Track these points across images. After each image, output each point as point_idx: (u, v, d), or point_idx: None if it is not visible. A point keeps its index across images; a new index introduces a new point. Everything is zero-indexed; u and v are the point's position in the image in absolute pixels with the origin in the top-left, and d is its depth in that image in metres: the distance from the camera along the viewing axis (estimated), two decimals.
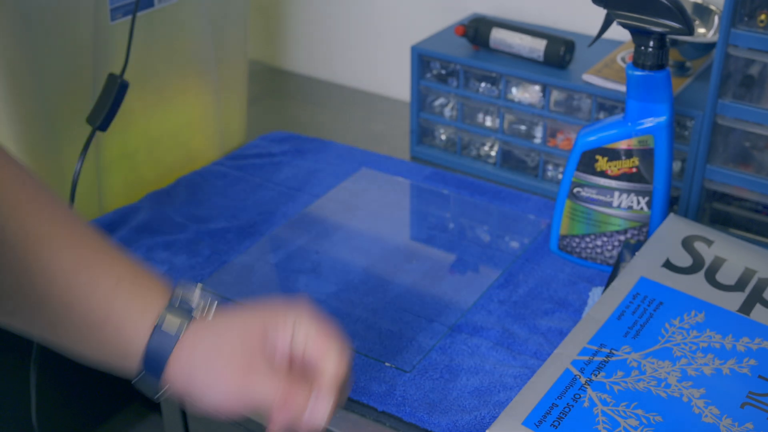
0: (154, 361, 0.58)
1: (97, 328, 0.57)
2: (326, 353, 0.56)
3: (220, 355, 0.56)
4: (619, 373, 0.63)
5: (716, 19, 0.94)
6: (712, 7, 0.95)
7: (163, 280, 0.59)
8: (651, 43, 0.75)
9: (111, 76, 0.84)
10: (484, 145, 1.05)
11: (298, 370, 0.57)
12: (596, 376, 0.62)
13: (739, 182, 0.83)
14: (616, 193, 0.81)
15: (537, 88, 0.97)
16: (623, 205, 0.81)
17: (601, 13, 0.76)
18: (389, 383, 0.71)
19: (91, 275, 0.56)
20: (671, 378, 0.62)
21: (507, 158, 1.03)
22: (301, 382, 0.55)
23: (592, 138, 0.80)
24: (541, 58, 0.96)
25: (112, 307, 0.57)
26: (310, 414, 0.55)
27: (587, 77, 0.93)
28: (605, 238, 0.83)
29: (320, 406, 0.55)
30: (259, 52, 1.39)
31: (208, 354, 0.57)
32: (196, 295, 0.59)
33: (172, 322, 0.57)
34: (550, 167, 1.00)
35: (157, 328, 0.57)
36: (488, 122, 1.03)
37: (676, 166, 0.90)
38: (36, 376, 0.92)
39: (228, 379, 0.56)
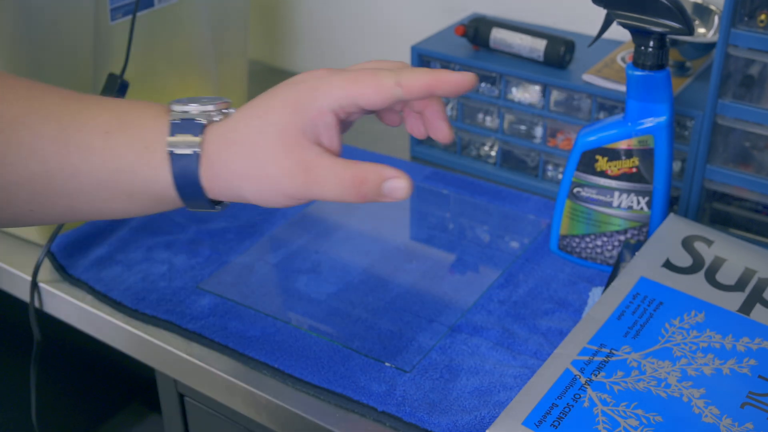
0: (189, 187, 0.54)
1: (115, 184, 0.54)
2: (379, 95, 0.54)
3: (259, 161, 0.53)
4: (619, 373, 0.63)
5: (716, 19, 0.94)
6: (712, 7, 0.95)
7: (153, 105, 0.56)
8: (651, 43, 0.75)
9: (111, 76, 0.84)
10: (484, 145, 1.05)
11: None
12: (596, 376, 0.62)
13: (739, 182, 0.83)
14: (616, 193, 0.81)
15: (537, 88, 0.97)
16: (623, 205, 0.81)
17: (601, 13, 0.76)
18: (389, 383, 0.71)
19: (81, 139, 0.54)
20: (671, 378, 0.62)
21: (507, 158, 1.03)
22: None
23: (592, 138, 0.80)
24: (541, 58, 0.96)
25: (115, 158, 0.54)
26: (391, 193, 0.53)
27: (587, 77, 0.93)
28: (605, 238, 0.83)
29: (399, 183, 0.53)
30: (259, 52, 1.39)
31: (242, 166, 0.54)
32: (196, 105, 0.56)
33: (183, 142, 0.54)
34: (550, 167, 1.00)
35: (173, 157, 0.54)
36: (488, 122, 1.03)
37: (676, 166, 0.90)
38: (36, 376, 0.92)
39: (282, 185, 0.53)
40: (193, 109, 0.56)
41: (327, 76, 0.56)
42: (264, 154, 0.54)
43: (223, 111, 0.57)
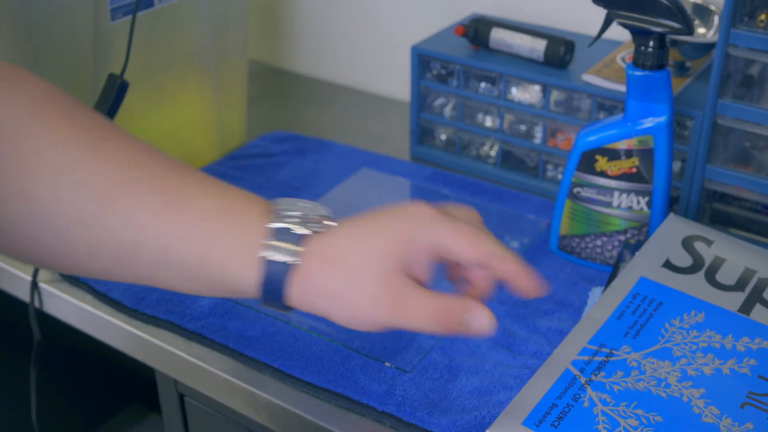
0: (274, 293, 0.54)
1: (201, 270, 0.54)
2: (479, 251, 0.55)
3: (354, 290, 0.53)
4: (619, 373, 0.63)
5: (716, 19, 0.94)
6: (712, 7, 0.95)
7: (258, 201, 0.56)
8: (651, 43, 0.75)
9: (111, 76, 0.84)
10: (484, 145, 1.05)
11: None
12: (596, 376, 0.62)
13: (739, 182, 0.83)
14: (616, 193, 0.81)
15: (537, 88, 0.97)
16: (623, 205, 0.81)
17: (601, 13, 0.76)
18: (389, 383, 0.71)
19: (181, 215, 0.53)
20: (671, 378, 0.62)
21: (507, 158, 1.03)
22: (453, 294, 0.54)
23: (592, 138, 0.80)
24: (541, 58, 0.96)
25: (209, 248, 0.53)
26: (473, 327, 0.54)
27: (587, 77, 0.93)
28: (605, 238, 0.83)
29: (480, 316, 0.54)
30: (259, 52, 1.39)
31: (336, 290, 0.54)
32: (298, 214, 0.55)
33: (280, 249, 0.54)
34: (550, 167, 1.00)
35: (267, 263, 0.53)
36: (488, 122, 1.03)
37: (676, 166, 0.90)
38: (36, 376, 0.92)
39: (372, 315, 0.53)
40: (296, 215, 0.55)
41: (434, 215, 0.57)
42: (361, 280, 0.54)
43: (325, 223, 0.57)
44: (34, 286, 0.85)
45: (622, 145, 0.79)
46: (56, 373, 1.23)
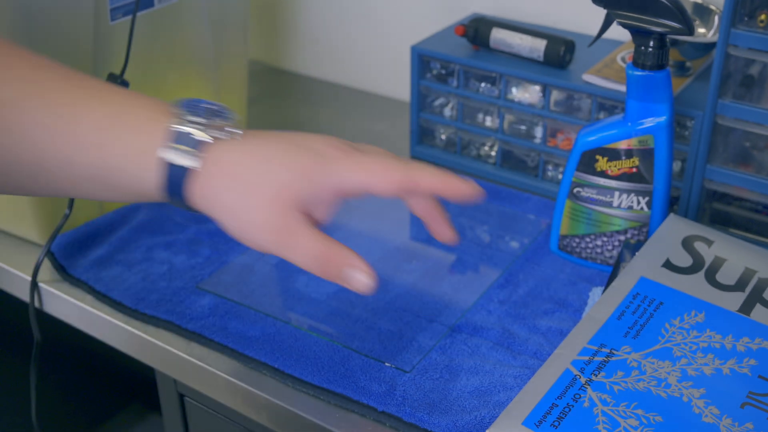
0: (175, 195, 0.55)
1: (105, 179, 0.55)
2: (389, 184, 0.56)
3: (247, 207, 0.54)
4: (619, 373, 0.63)
5: (716, 19, 0.94)
6: (712, 7, 0.95)
7: (154, 104, 0.56)
8: (651, 43, 0.75)
9: (111, 76, 0.84)
10: (484, 145, 1.05)
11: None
12: (596, 376, 0.62)
13: (739, 182, 0.83)
14: (616, 193, 0.81)
15: (537, 88, 0.97)
16: (623, 205, 0.81)
17: (601, 13, 0.76)
18: (389, 383, 0.71)
19: (74, 131, 0.54)
20: (671, 378, 0.62)
21: (507, 158, 1.03)
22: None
23: (592, 138, 0.80)
24: (541, 58, 0.96)
25: (105, 155, 0.54)
26: (351, 282, 0.54)
27: (587, 77, 0.93)
28: (605, 238, 0.83)
29: (360, 274, 0.55)
30: (259, 52, 1.39)
31: (230, 202, 0.54)
32: (199, 118, 0.55)
33: (180, 151, 0.54)
34: (550, 167, 1.00)
35: (168, 165, 0.54)
36: (488, 122, 1.03)
37: (676, 166, 0.90)
38: (36, 376, 0.92)
39: (260, 235, 0.54)
40: (198, 120, 0.55)
41: (341, 155, 0.57)
42: (256, 201, 0.55)
43: (228, 130, 0.56)
44: (34, 286, 0.85)
45: (622, 145, 0.79)
46: (56, 373, 1.23)
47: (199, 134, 0.55)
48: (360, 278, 0.56)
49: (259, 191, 0.54)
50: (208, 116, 0.56)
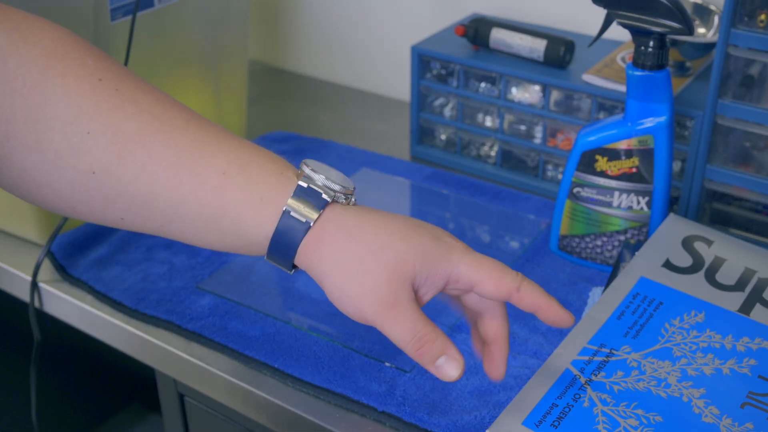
0: (283, 249, 0.54)
1: (214, 221, 0.54)
2: (498, 289, 0.55)
3: (358, 271, 0.54)
4: (619, 373, 0.63)
5: (716, 19, 0.94)
6: (712, 7, 0.95)
7: (278, 160, 0.56)
8: (651, 43, 0.75)
9: None
10: (484, 145, 1.05)
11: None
12: (596, 376, 0.62)
13: (739, 182, 0.83)
14: (616, 193, 0.81)
15: (537, 88, 0.97)
16: (623, 205, 0.81)
17: (601, 13, 0.76)
18: (389, 383, 0.71)
19: (196, 168, 0.54)
20: (671, 378, 0.62)
21: (507, 158, 1.03)
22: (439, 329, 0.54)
23: (592, 138, 0.80)
24: (541, 58, 0.96)
25: (225, 199, 0.54)
26: (441, 370, 0.54)
27: (587, 77, 0.93)
28: (605, 238, 0.83)
29: (452, 365, 0.54)
30: (259, 52, 1.39)
31: (345, 263, 0.54)
32: (327, 175, 0.55)
33: (301, 209, 0.54)
34: (550, 167, 1.00)
35: (283, 215, 0.54)
36: (488, 122, 1.03)
37: (676, 166, 0.90)
38: (36, 376, 0.92)
39: (364, 302, 0.54)
40: (321, 180, 0.56)
41: (462, 248, 0.57)
42: (371, 266, 0.54)
43: (348, 196, 0.57)
44: (34, 286, 0.85)
45: (622, 145, 0.79)
46: (56, 373, 1.23)
47: (323, 193, 0.55)
48: (449, 370, 0.55)
49: (376, 257, 0.54)
50: (333, 180, 0.56)
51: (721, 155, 0.85)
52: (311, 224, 0.54)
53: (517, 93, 0.99)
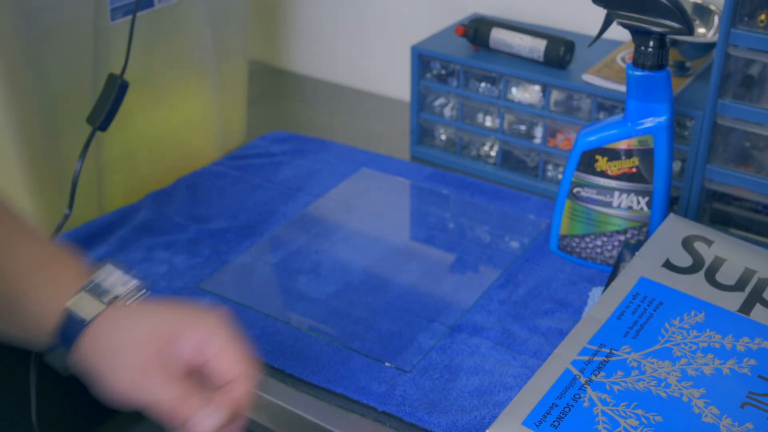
0: (65, 343, 0.58)
1: (8, 311, 0.58)
2: (236, 373, 0.57)
3: (126, 346, 0.57)
4: (619, 373, 0.63)
5: (716, 19, 0.94)
6: (712, 7, 0.95)
7: (80, 262, 0.60)
8: (651, 43, 0.75)
9: (111, 76, 0.84)
10: (484, 145, 1.05)
11: (199, 378, 0.57)
12: (596, 376, 0.62)
13: (739, 182, 0.83)
14: (616, 193, 0.81)
15: (537, 88, 0.97)
16: (623, 205, 0.81)
17: (601, 13, 0.76)
18: (389, 383, 0.71)
19: (4, 255, 0.57)
20: (671, 378, 0.62)
21: (507, 158, 1.03)
22: (198, 392, 0.55)
23: (592, 138, 0.80)
24: (541, 58, 0.96)
25: (22, 291, 0.57)
26: (198, 424, 0.55)
27: (587, 77, 0.93)
28: (605, 238, 0.83)
29: (210, 419, 0.55)
30: (259, 52, 1.39)
31: (116, 342, 0.57)
32: (115, 278, 0.59)
33: (84, 307, 0.58)
34: (550, 167, 1.00)
35: (68, 313, 0.57)
36: (488, 122, 1.03)
37: (676, 166, 0.90)
38: (36, 376, 0.92)
39: (127, 373, 0.56)
40: (105, 287, 0.59)
41: (216, 333, 0.59)
42: (129, 350, 0.57)
43: (129, 298, 0.60)
44: None
45: (622, 145, 0.79)
46: (56, 373, 1.23)
47: (100, 299, 0.59)
48: (202, 424, 0.55)
49: (133, 333, 0.57)
50: (117, 286, 0.60)
51: (721, 155, 0.85)
52: (86, 323, 0.57)
53: (517, 93, 0.99)
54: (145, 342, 0.57)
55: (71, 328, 0.57)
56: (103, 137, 0.89)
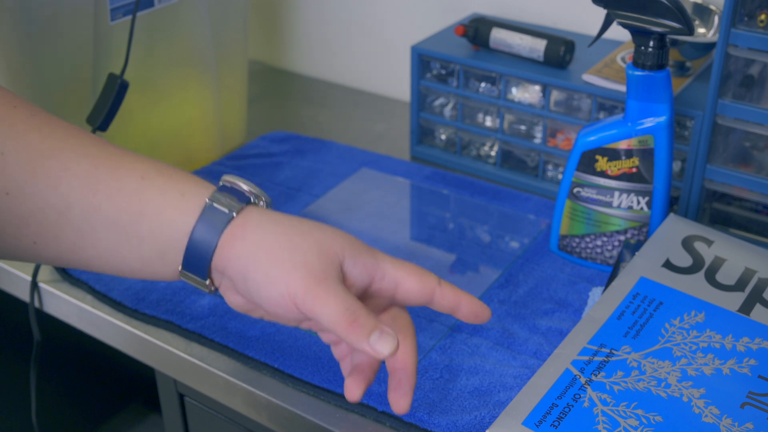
0: (202, 247, 0.53)
1: (132, 227, 0.53)
2: (428, 290, 0.55)
3: (294, 248, 0.52)
4: (619, 373, 0.63)
5: (716, 19, 0.94)
6: (712, 7, 0.95)
7: (196, 177, 0.56)
8: (651, 43, 0.75)
9: (111, 76, 0.84)
10: (484, 145, 1.05)
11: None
12: (596, 376, 0.62)
13: (739, 182, 0.83)
14: (616, 193, 0.81)
15: (537, 88, 0.97)
16: (623, 205, 0.81)
17: (601, 13, 0.76)
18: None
19: (113, 175, 0.53)
20: (671, 378, 0.62)
21: (507, 158, 1.03)
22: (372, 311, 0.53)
23: (592, 138, 0.80)
24: (541, 58, 0.96)
25: (144, 200, 0.53)
26: (375, 345, 0.51)
27: (587, 77, 0.93)
28: (605, 238, 0.83)
29: (386, 341, 0.51)
30: (259, 52, 1.39)
31: (272, 242, 0.52)
32: (244, 184, 0.55)
33: (224, 201, 0.53)
34: (550, 167, 1.00)
35: (207, 207, 0.53)
36: (488, 122, 1.03)
37: (676, 166, 0.90)
38: (36, 376, 0.92)
39: (294, 278, 0.51)
40: (244, 184, 0.56)
41: (385, 255, 0.57)
42: (301, 243, 0.53)
43: (269, 204, 0.57)
44: (34, 286, 0.85)
45: (622, 145, 0.79)
46: (56, 373, 1.23)
47: (245, 193, 0.55)
48: (385, 346, 0.52)
49: (305, 236, 0.54)
50: (252, 186, 0.57)
51: (721, 155, 0.85)
52: (234, 215, 0.53)
53: (517, 93, 0.99)
54: (315, 251, 0.52)
55: (212, 227, 0.52)
56: (103, 137, 0.89)
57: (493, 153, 1.04)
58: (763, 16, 0.77)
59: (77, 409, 1.33)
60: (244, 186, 0.56)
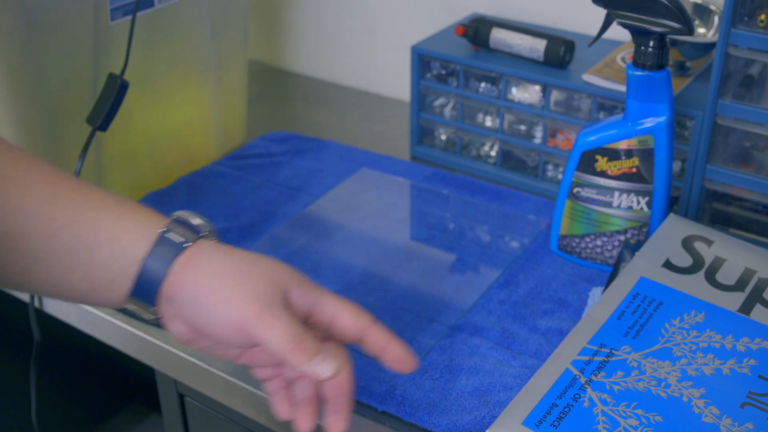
0: (154, 273, 0.55)
1: (85, 253, 0.55)
2: (359, 327, 0.57)
3: (242, 277, 0.55)
4: (619, 373, 0.63)
5: (716, 19, 0.94)
6: (712, 7, 0.95)
7: (150, 210, 0.58)
8: (651, 43, 0.75)
9: (111, 76, 0.84)
10: (484, 145, 1.05)
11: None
12: (596, 376, 0.62)
13: (739, 182, 0.83)
14: (616, 193, 0.81)
15: (537, 88, 0.97)
16: (623, 205, 0.81)
17: (601, 13, 0.76)
18: (389, 383, 0.71)
19: (72, 203, 0.55)
20: (671, 378, 0.62)
21: (507, 158, 1.03)
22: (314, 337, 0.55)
23: (592, 138, 0.80)
24: (541, 58, 0.96)
25: (102, 227, 0.55)
26: (317, 367, 0.54)
27: (587, 77, 0.93)
28: (605, 238, 0.83)
29: (331, 363, 0.54)
30: (259, 52, 1.39)
31: (224, 269, 0.55)
32: (197, 220, 0.58)
33: (179, 231, 0.56)
34: (550, 167, 1.00)
35: (160, 237, 0.55)
36: (488, 122, 1.03)
37: (676, 166, 0.90)
38: (36, 376, 0.92)
39: (245, 302, 0.54)
40: (197, 219, 0.59)
41: (325, 289, 0.60)
42: (251, 270, 0.56)
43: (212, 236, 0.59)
44: None
45: (622, 145, 0.79)
46: (56, 373, 1.23)
47: (199, 227, 0.58)
48: (326, 368, 0.55)
49: (256, 264, 0.56)
50: (205, 222, 0.59)
51: (721, 155, 0.85)
52: (188, 244, 0.56)
53: (517, 93, 0.99)
54: (264, 279, 0.55)
55: (165, 254, 0.55)
56: (103, 137, 0.89)
57: (493, 153, 1.04)
58: (763, 16, 0.77)
59: (77, 409, 1.33)
60: (196, 221, 0.58)
